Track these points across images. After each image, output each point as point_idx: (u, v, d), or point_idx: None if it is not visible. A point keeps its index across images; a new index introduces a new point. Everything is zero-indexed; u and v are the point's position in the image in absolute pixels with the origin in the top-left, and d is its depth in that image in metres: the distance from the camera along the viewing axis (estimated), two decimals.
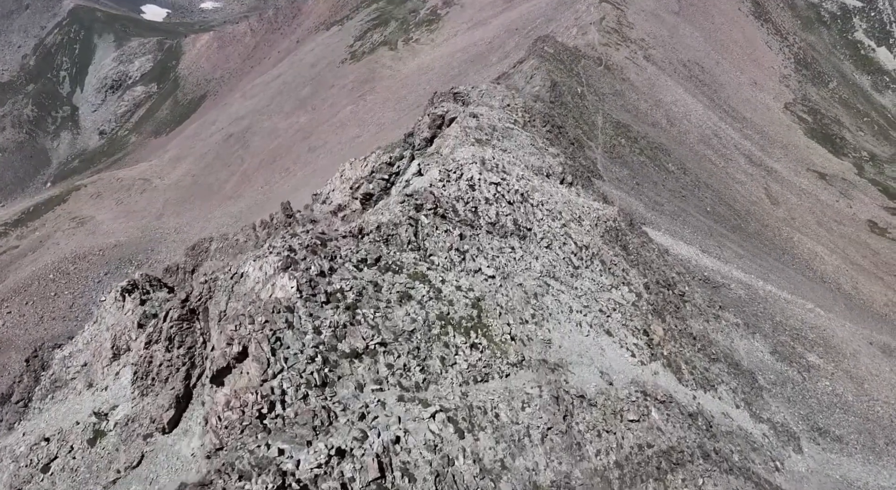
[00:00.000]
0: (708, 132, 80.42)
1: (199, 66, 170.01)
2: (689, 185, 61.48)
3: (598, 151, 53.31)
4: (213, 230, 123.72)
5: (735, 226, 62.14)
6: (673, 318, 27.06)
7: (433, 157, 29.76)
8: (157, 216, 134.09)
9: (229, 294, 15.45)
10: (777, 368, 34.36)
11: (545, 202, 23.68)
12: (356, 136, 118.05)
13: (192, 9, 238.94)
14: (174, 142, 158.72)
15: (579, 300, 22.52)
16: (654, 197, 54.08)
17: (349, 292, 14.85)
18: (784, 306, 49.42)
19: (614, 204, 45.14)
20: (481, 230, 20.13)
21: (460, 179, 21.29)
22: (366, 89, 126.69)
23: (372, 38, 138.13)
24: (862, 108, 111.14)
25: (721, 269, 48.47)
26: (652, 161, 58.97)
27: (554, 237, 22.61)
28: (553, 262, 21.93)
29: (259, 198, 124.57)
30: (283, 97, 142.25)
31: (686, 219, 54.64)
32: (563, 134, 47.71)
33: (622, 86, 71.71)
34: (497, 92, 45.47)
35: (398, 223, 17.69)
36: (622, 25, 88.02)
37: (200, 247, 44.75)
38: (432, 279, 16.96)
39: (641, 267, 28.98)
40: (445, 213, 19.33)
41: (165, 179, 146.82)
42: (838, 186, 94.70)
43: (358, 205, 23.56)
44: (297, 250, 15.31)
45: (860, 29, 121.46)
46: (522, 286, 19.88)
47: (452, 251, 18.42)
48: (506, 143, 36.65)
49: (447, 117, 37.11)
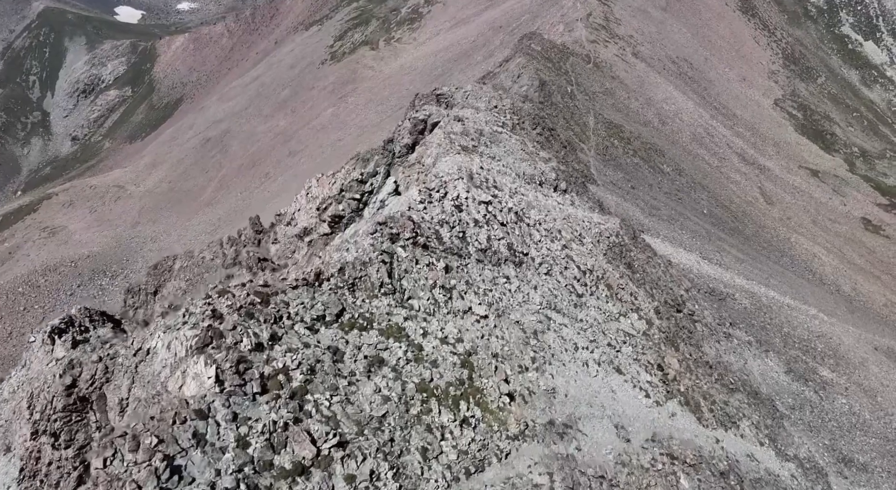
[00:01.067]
0: (700, 131, 78.10)
1: (174, 68, 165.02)
2: (685, 186, 58.92)
3: (590, 154, 50.47)
4: (191, 238, 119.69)
5: (733, 228, 59.72)
6: (687, 346, 24.12)
7: (413, 167, 26.56)
8: (133, 224, 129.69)
9: (132, 376, 12.03)
10: (793, 390, 31.73)
11: (543, 221, 20.64)
12: (338, 140, 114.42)
13: (168, 10, 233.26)
14: (150, 147, 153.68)
15: (585, 334, 19.47)
16: (651, 200, 51.37)
17: (296, 371, 11.53)
18: (789, 314, 46.99)
19: (612, 213, 42.22)
20: (470, 259, 17.03)
21: (444, 199, 18.13)
22: (347, 91, 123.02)
23: (352, 37, 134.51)
24: (851, 104, 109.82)
25: (723, 277, 45.87)
26: (646, 162, 56.29)
27: (554, 261, 19.58)
28: (554, 290, 18.91)
29: (238, 204, 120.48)
30: (261, 100, 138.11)
31: (684, 223, 52.02)
32: (555, 136, 44.71)
33: (612, 84, 69.04)
34: (483, 93, 42.32)
35: (368, 261, 14.43)
36: (609, 21, 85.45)
37: (163, 265, 41.11)
38: (411, 332, 13.77)
39: (649, 286, 26.03)
40: (427, 242, 16.20)
41: (141, 186, 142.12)
42: (831, 183, 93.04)
43: (326, 228, 20.33)
44: (226, 315, 11.88)
45: (847, 23, 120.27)
46: (520, 324, 16.83)
47: (436, 289, 15.30)
48: (494, 149, 33.54)
49: (429, 122, 33.88)
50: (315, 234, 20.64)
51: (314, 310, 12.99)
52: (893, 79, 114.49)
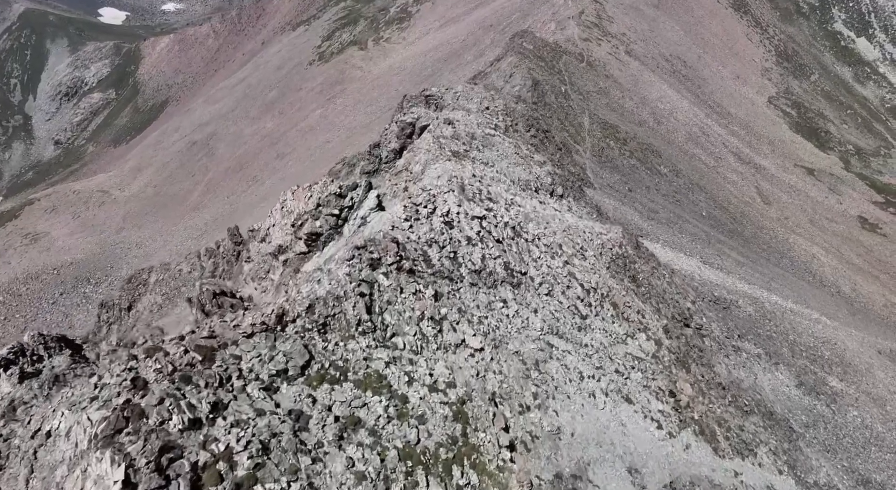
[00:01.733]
0: (695, 130, 76.67)
1: (159, 70, 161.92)
2: (683, 188, 57.34)
3: (586, 156, 48.71)
4: (177, 243, 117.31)
5: (732, 230, 58.21)
6: (698, 366, 22.33)
7: (401, 175, 24.63)
8: (117, 230, 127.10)
9: (31, 464, 9.73)
10: (805, 404, 30.10)
11: (542, 235, 18.78)
12: (326, 142, 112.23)
13: (153, 11, 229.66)
14: (134, 151, 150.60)
15: (590, 361, 17.62)
16: (649, 203, 49.68)
17: (244, 453, 9.24)
18: (793, 320, 45.52)
19: (610, 218, 40.47)
20: (463, 282, 15.13)
21: (433, 215, 16.16)
22: (335, 92, 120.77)
23: (340, 37, 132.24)
24: (845, 101, 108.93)
25: (725, 283, 44.28)
26: (643, 164, 54.63)
27: (555, 280, 17.74)
28: (556, 313, 17.06)
29: (225, 209, 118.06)
30: (248, 101, 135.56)
31: (683, 226, 50.40)
32: (549, 138, 42.90)
33: (606, 83, 67.38)
34: (474, 93, 40.44)
35: (343, 295, 12.38)
36: (602, 19, 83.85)
37: (138, 279, 38.89)
38: (394, 380, 11.75)
39: (655, 300, 24.23)
40: (414, 267, 14.26)
41: (125, 191, 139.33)
42: (826, 182, 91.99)
43: (302, 246, 18.31)
44: (152, 384, 9.47)
45: (839, 20, 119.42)
46: (520, 354, 14.98)
47: (425, 322, 13.38)
48: (487, 153, 31.67)
49: (418, 125, 31.96)
50: (291, 253, 18.64)
51: (273, 363, 10.70)
52: (886, 75, 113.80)
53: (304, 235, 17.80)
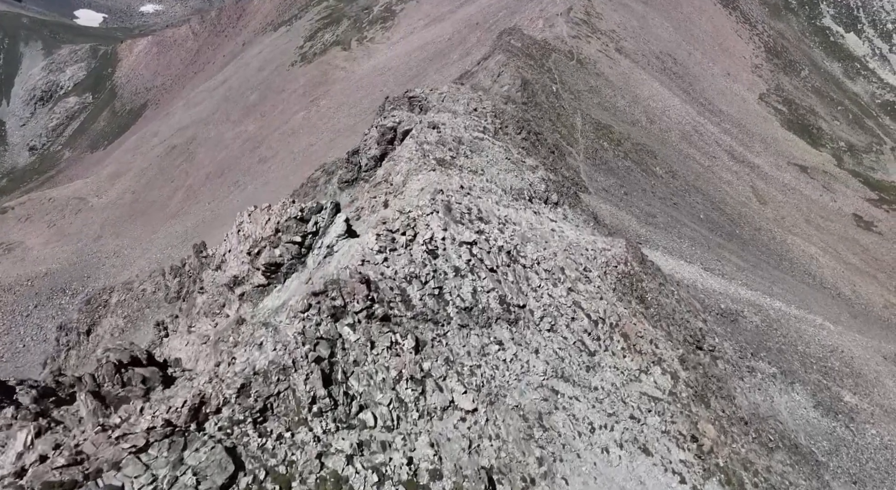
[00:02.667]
0: (688, 128, 74.68)
1: (137, 73, 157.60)
2: (680, 190, 55.17)
3: (580, 158, 46.29)
4: (156, 252, 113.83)
5: (730, 233, 56.14)
6: (718, 400, 19.86)
7: (380, 187, 21.99)
8: (95, 239, 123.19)
9: None
10: (825, 428, 27.88)
11: (542, 258, 16.24)
12: (309, 145, 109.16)
13: (131, 13, 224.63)
14: (112, 156, 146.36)
15: (602, 406, 15.09)
16: (646, 207, 47.38)
17: None
18: (798, 328, 43.45)
19: (607, 225, 38.09)
20: (450, 325, 12.55)
21: (413, 244, 13.51)
22: (318, 93, 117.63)
23: (323, 38, 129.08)
24: (835, 97, 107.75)
25: (728, 290, 42.09)
26: (638, 165, 52.36)
27: (558, 312, 15.23)
28: (560, 351, 14.56)
29: (206, 215, 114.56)
30: (229, 104, 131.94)
31: (681, 230, 48.16)
32: (542, 141, 40.40)
33: (597, 81, 65.08)
34: (461, 94, 37.81)
35: (291, 365, 9.51)
36: (591, 16, 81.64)
37: (97, 300, 35.84)
38: (358, 483, 8.98)
39: (665, 323, 21.76)
40: (389, 312, 11.67)
41: (103, 198, 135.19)
42: (820, 180, 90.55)
43: (261, 278, 15.60)
44: None
45: (828, 15, 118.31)
46: (520, 408, 12.45)
47: (403, 384, 10.75)
48: (476, 159, 29.06)
49: (400, 129, 29.27)
50: (248, 285, 15.92)
51: (182, 482, 7.68)
52: (876, 71, 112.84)
53: (262, 266, 15.13)
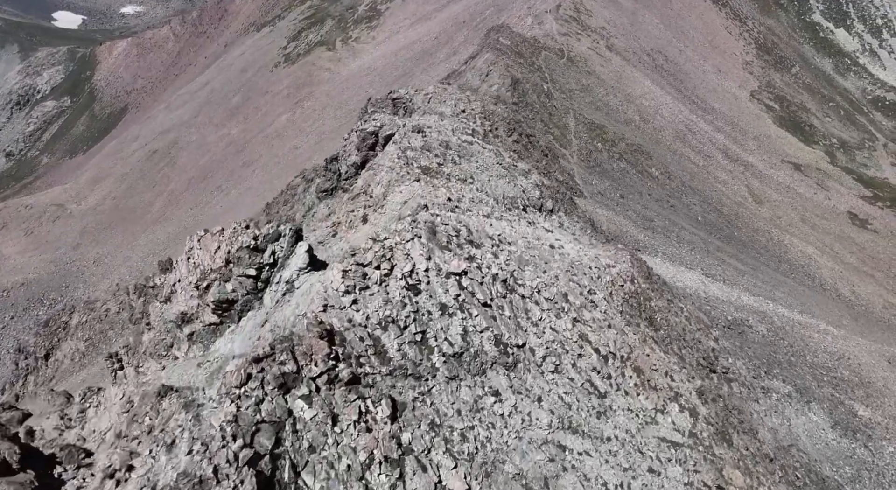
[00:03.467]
0: (682, 127, 72.98)
1: (117, 76, 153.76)
2: (676, 191, 53.30)
3: (573, 160, 44.21)
4: (137, 259, 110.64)
5: (728, 235, 54.37)
6: (740, 435, 17.75)
7: (358, 200, 19.80)
8: (74, 247, 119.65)
9: None
10: (844, 450, 25.98)
11: (543, 285, 14.03)
12: (294, 148, 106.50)
13: (111, 14, 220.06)
14: (92, 161, 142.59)
15: (616, 460, 12.88)
16: (643, 211, 45.40)
17: None
18: (804, 335, 41.68)
19: (605, 231, 36.03)
20: (436, 378, 10.30)
21: (389, 279, 11.17)
22: (303, 95, 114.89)
23: (307, 38, 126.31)
24: (826, 93, 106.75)
25: (731, 297, 40.22)
26: (633, 167, 50.39)
27: (563, 348, 13.06)
28: (567, 396, 12.41)
29: (188, 221, 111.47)
30: (211, 107, 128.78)
31: (679, 234, 46.24)
32: (534, 143, 38.24)
33: (588, 80, 63.11)
34: (448, 95, 35.54)
35: (210, 477, 6.64)
36: (580, 13, 79.73)
37: (57, 322, 33.18)
38: None
39: (677, 346, 19.65)
40: (358, 370, 9.42)
41: (82, 204, 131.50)
42: (814, 177, 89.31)
43: (212, 316, 13.23)
44: None
45: (817, 10, 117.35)
46: (522, 476, 10.26)
47: (375, 468, 8.44)
48: (465, 165, 26.82)
49: (382, 134, 26.94)
50: (198, 324, 13.60)
51: None
52: (866, 66, 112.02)
53: (212, 303, 12.80)
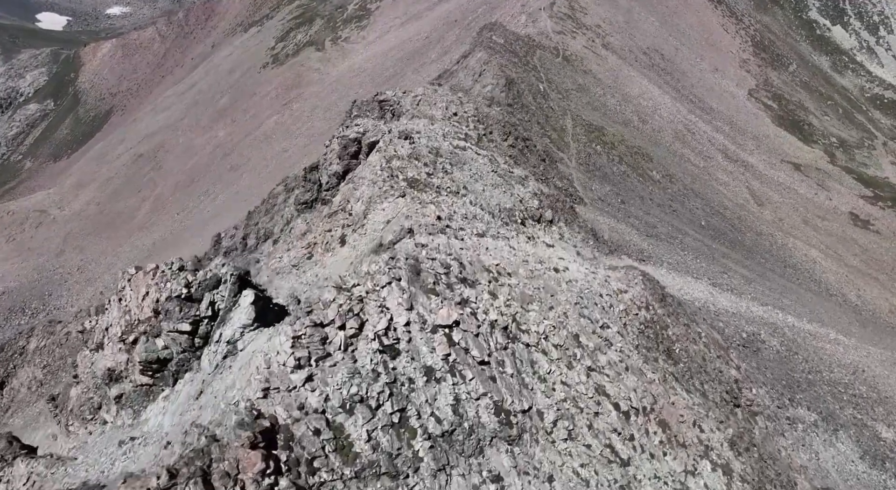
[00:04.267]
0: (681, 127, 70.91)
1: (102, 77, 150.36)
2: (678, 194, 51.14)
3: (572, 164, 41.92)
4: (122, 267, 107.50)
5: (733, 240, 52.26)
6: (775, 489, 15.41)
7: (336, 218, 17.70)
8: (57, 253, 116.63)
9: None
10: (875, 482, 23.84)
11: (551, 328, 11.66)
12: (283, 151, 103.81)
13: (97, 15, 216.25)
14: (76, 165, 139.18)
15: None
16: (645, 217, 43.17)
17: None
18: (817, 347, 39.53)
19: (607, 241, 33.73)
20: (419, 472, 7.85)
21: (358, 340, 8.63)
22: (291, 96, 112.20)
23: (295, 38, 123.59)
24: (824, 91, 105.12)
25: (741, 309, 38.03)
26: (634, 170, 48.18)
27: (577, 407, 10.73)
28: (584, 470, 10.09)
29: (175, 227, 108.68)
30: (198, 109, 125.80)
31: (683, 241, 44.03)
32: (531, 147, 35.90)
33: (585, 79, 60.88)
34: (439, 97, 33.13)
35: None
36: (575, 10, 77.54)
37: (13, 347, 30.51)
38: None
39: (699, 380, 17.43)
40: (310, 481, 6.99)
41: (66, 209, 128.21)
42: (814, 177, 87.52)
43: (141, 377, 10.67)
44: None
45: (814, 8, 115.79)
46: None
47: None
48: (457, 174, 24.45)
49: (365, 141, 24.49)
50: (127, 384, 11.10)
51: None
52: (864, 64, 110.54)
53: (140, 363, 10.33)
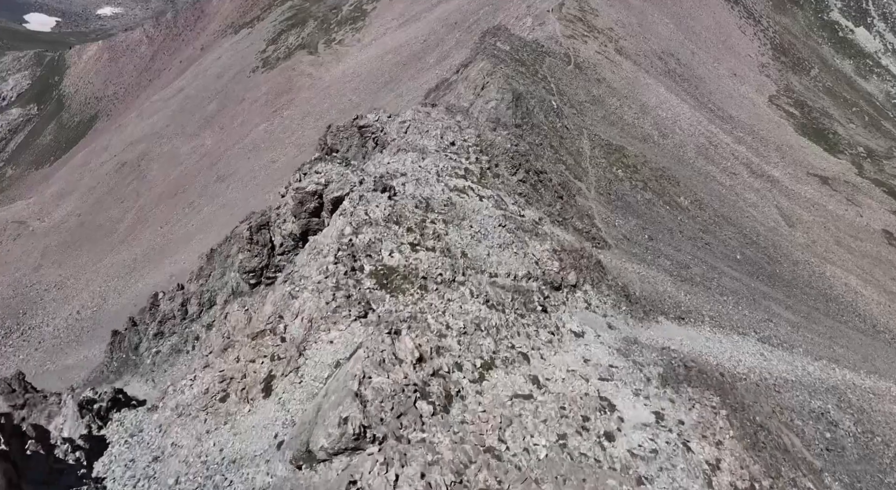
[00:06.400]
0: (703, 140, 64.55)
1: (87, 81, 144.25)
2: (709, 223, 44.75)
3: (591, 195, 35.58)
4: (101, 283, 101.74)
5: (770, 274, 45.88)
6: None
7: (262, 345, 11.09)
8: (34, 268, 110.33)
9: None
10: None
11: None
12: (272, 161, 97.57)
13: (88, 16, 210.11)
14: (59, 173, 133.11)
15: None
16: (675, 254, 36.77)
17: None
18: (886, 413, 33.04)
19: (639, 300, 27.34)
20: None
21: None
22: (281, 103, 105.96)
23: (287, 41, 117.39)
24: (849, 97, 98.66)
25: (797, 371, 31.66)
26: (660, 197, 41.84)
27: None
28: None
29: (157, 241, 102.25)
30: (185, 115, 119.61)
31: (721, 281, 37.63)
32: (544, 181, 29.48)
33: (599, 89, 54.52)
34: (432, 122, 26.75)
35: None
36: (585, 12, 71.16)
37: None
38: None
39: None
40: None
41: (46, 221, 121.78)
42: (843, 191, 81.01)
43: None
44: None
45: (835, 8, 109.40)
46: None
47: None
48: (453, 235, 18.16)
49: (328, 196, 18.09)
50: None
51: None
52: (889, 68, 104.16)
53: None
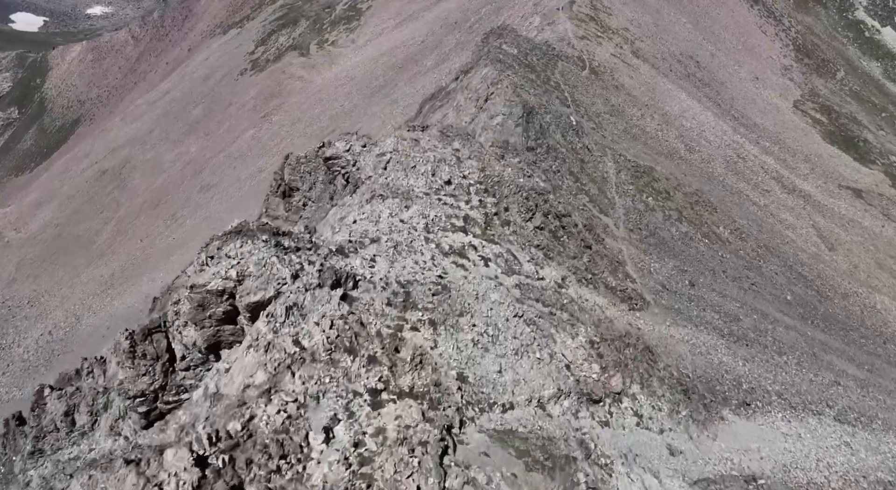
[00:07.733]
0: (730, 153, 57.98)
1: (70, 84, 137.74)
2: (752, 258, 38.12)
3: (620, 232, 28.97)
4: (77, 301, 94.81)
5: (824, 315, 39.26)
6: None
7: None
8: (8, 283, 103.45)
9: None
10: None
11: None
12: (258, 171, 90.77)
13: (76, 15, 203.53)
14: (39, 181, 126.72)
15: None
16: (722, 303, 30.16)
17: None
18: None
19: (697, 383, 20.76)
20: None
21: None
22: (270, 108, 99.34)
23: (278, 41, 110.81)
24: (878, 102, 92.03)
25: (886, 459, 25.05)
26: (697, 228, 35.22)
27: None
28: None
29: (137, 255, 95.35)
30: (169, 120, 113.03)
31: (775, 334, 30.99)
32: (568, 228, 22.79)
33: (618, 98, 47.89)
34: (420, 152, 20.12)
35: None
36: (598, 11, 64.56)
37: None
38: None
39: None
40: None
41: (22, 232, 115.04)
42: (877, 206, 74.31)
43: None
44: None
45: (861, 7, 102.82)
46: None
47: None
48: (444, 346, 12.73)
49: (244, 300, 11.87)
50: None
51: None
52: None
53: None
